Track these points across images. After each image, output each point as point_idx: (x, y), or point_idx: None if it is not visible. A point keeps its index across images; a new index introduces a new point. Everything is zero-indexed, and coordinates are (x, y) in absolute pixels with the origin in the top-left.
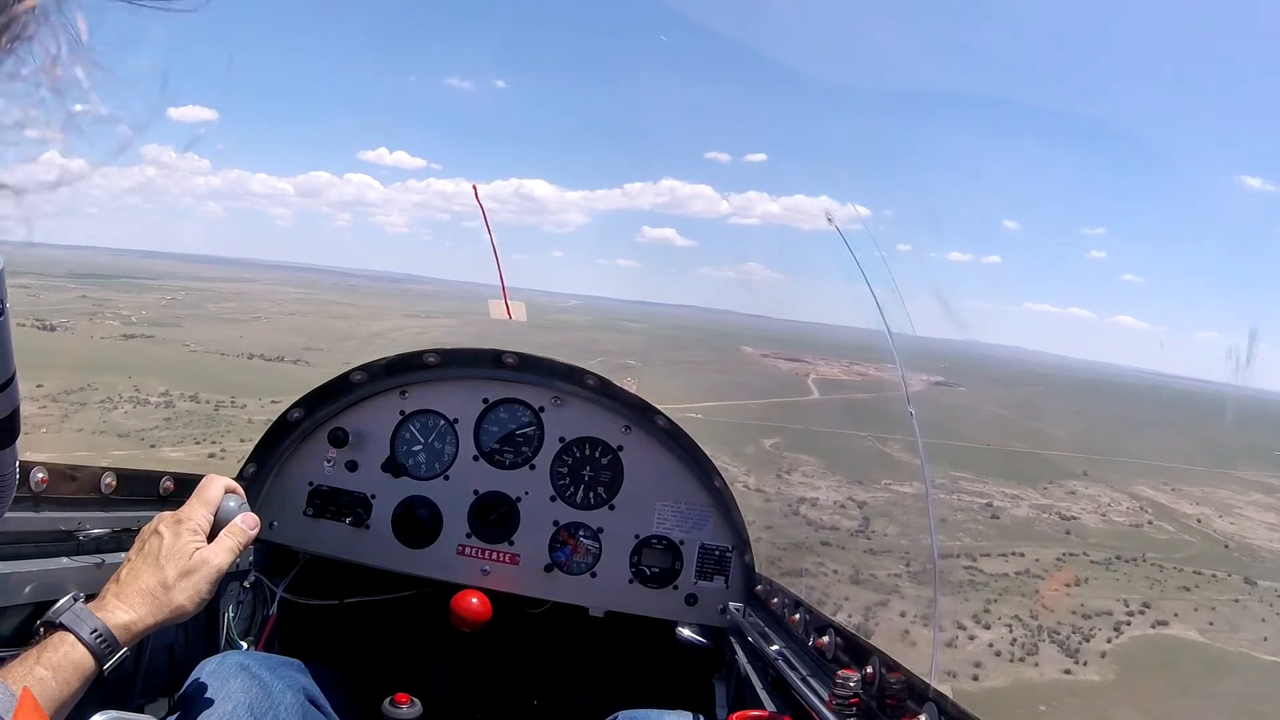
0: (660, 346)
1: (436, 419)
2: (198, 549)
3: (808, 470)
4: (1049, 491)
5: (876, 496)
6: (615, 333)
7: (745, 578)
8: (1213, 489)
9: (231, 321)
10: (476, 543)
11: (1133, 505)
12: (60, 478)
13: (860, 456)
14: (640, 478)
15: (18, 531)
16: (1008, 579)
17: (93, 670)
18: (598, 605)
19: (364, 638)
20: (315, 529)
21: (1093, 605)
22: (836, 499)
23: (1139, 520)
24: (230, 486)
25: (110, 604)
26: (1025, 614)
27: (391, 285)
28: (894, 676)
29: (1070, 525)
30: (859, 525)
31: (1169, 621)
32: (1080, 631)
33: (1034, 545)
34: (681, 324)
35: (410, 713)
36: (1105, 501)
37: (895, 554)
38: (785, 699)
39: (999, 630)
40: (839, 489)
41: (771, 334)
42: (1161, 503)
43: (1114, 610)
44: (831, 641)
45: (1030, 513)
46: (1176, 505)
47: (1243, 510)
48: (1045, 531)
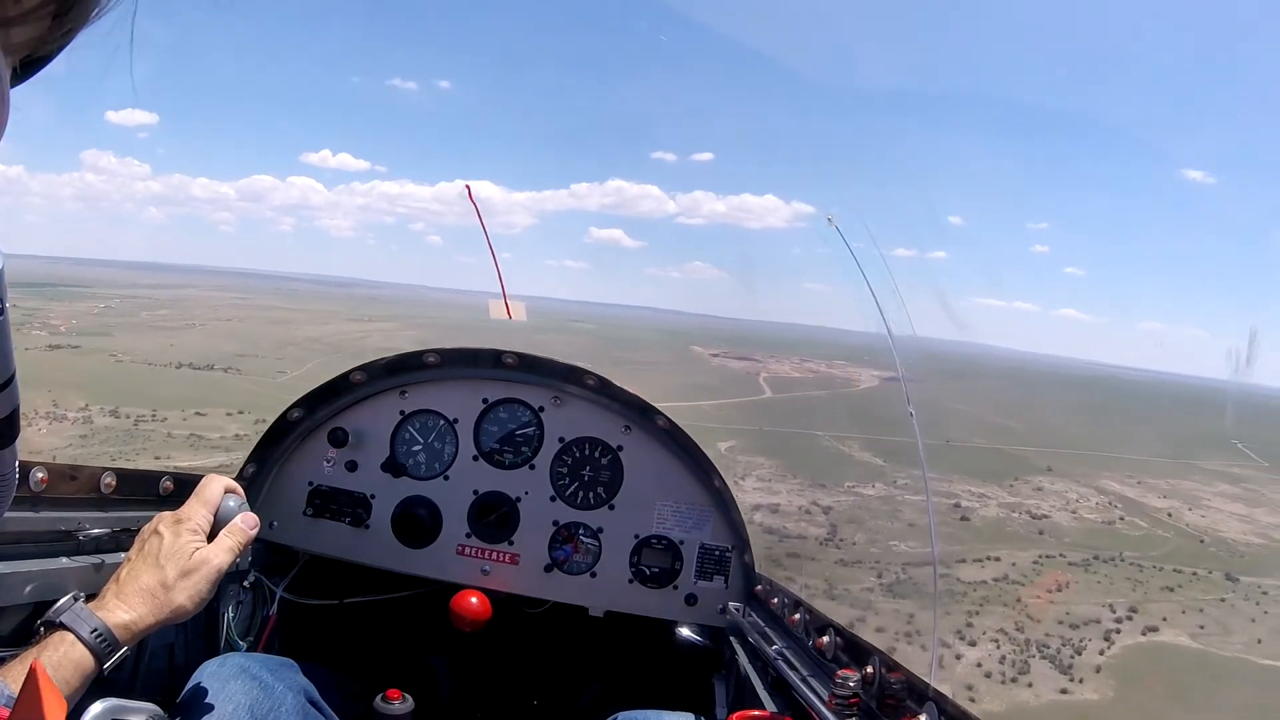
0: (608, 347)
1: (436, 419)
2: (197, 549)
3: (764, 474)
4: (1015, 489)
5: (841, 500)
6: (563, 334)
7: (745, 577)
8: (1177, 481)
9: (164, 329)
10: (476, 543)
11: (1101, 501)
12: (60, 478)
13: (820, 457)
14: (640, 477)
15: (18, 531)
16: (987, 587)
17: (93, 669)
18: (598, 605)
19: (364, 638)
20: (315, 529)
21: (1079, 612)
22: (800, 504)
23: (1110, 516)
24: (230, 486)
25: (110, 604)
26: (1011, 626)
27: (336, 289)
28: (894, 676)
29: (1042, 525)
30: (827, 533)
31: (1159, 627)
32: (1070, 644)
33: (1009, 547)
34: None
35: (402, 708)
36: (1073, 498)
37: (866, 564)
38: (785, 699)
39: (986, 647)
40: (801, 493)
41: (720, 333)
42: (1130, 497)
43: (1101, 617)
44: (831, 641)
45: (1000, 512)
46: (1145, 499)
47: (1211, 502)
48: (1018, 532)
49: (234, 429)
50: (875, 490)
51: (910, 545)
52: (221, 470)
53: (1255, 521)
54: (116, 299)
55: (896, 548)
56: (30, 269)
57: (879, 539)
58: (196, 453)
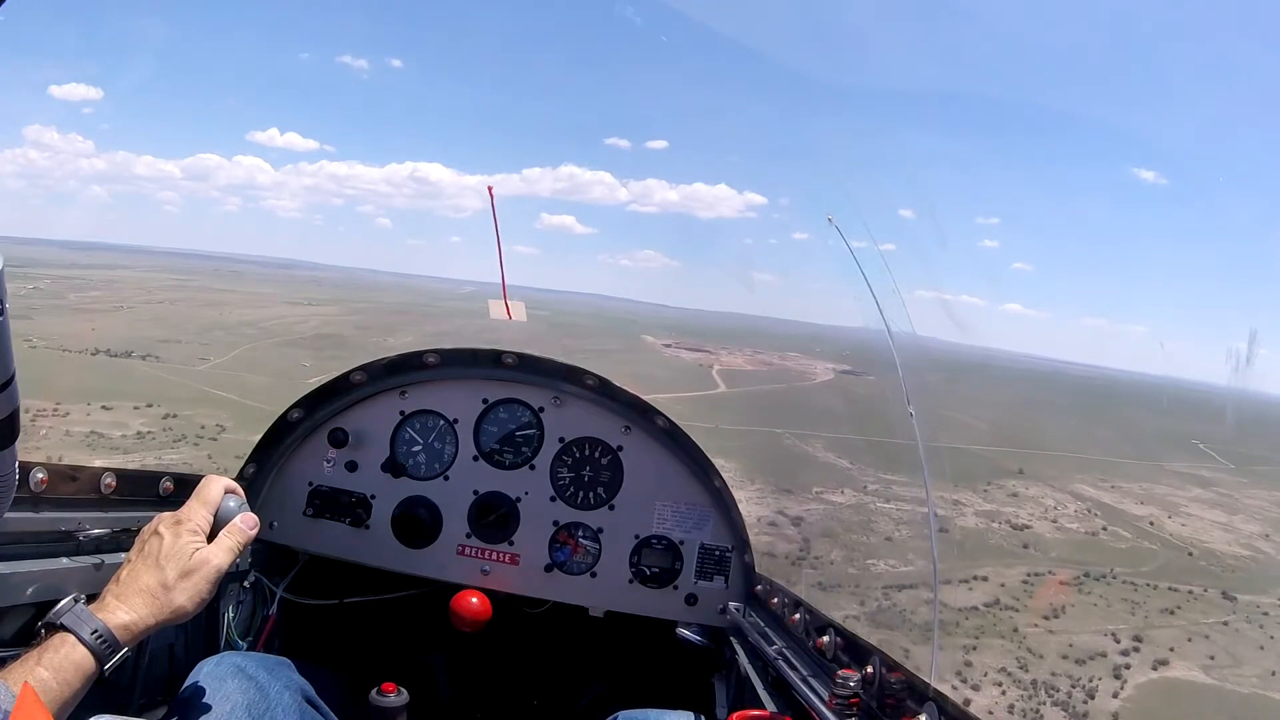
0: (558, 334)
1: (436, 419)
2: (197, 549)
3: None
4: (990, 495)
5: (811, 510)
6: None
7: (745, 577)
8: (1150, 485)
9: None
10: (476, 543)
11: (1080, 508)
12: (60, 478)
13: (781, 458)
14: (640, 478)
15: (18, 532)
16: (979, 614)
17: (94, 670)
18: (598, 605)
19: (364, 638)
20: (315, 529)
21: (1081, 644)
22: (764, 514)
23: (1093, 527)
24: (230, 487)
25: (110, 605)
26: (1013, 663)
27: (279, 271)
28: (894, 676)
29: (1025, 537)
30: (799, 550)
31: (1168, 660)
32: (1080, 685)
33: (993, 563)
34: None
35: (396, 701)
36: (1051, 505)
37: (846, 589)
38: (785, 699)
39: (990, 692)
40: (764, 500)
41: (671, 322)
42: (1107, 503)
43: (1106, 649)
44: (831, 641)
45: (978, 522)
46: (1123, 505)
47: (1188, 509)
48: (1001, 545)
49: (138, 424)
50: (845, 497)
51: (889, 564)
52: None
53: (1237, 531)
54: (48, 280)
55: (875, 568)
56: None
57: (855, 557)
58: (93, 453)
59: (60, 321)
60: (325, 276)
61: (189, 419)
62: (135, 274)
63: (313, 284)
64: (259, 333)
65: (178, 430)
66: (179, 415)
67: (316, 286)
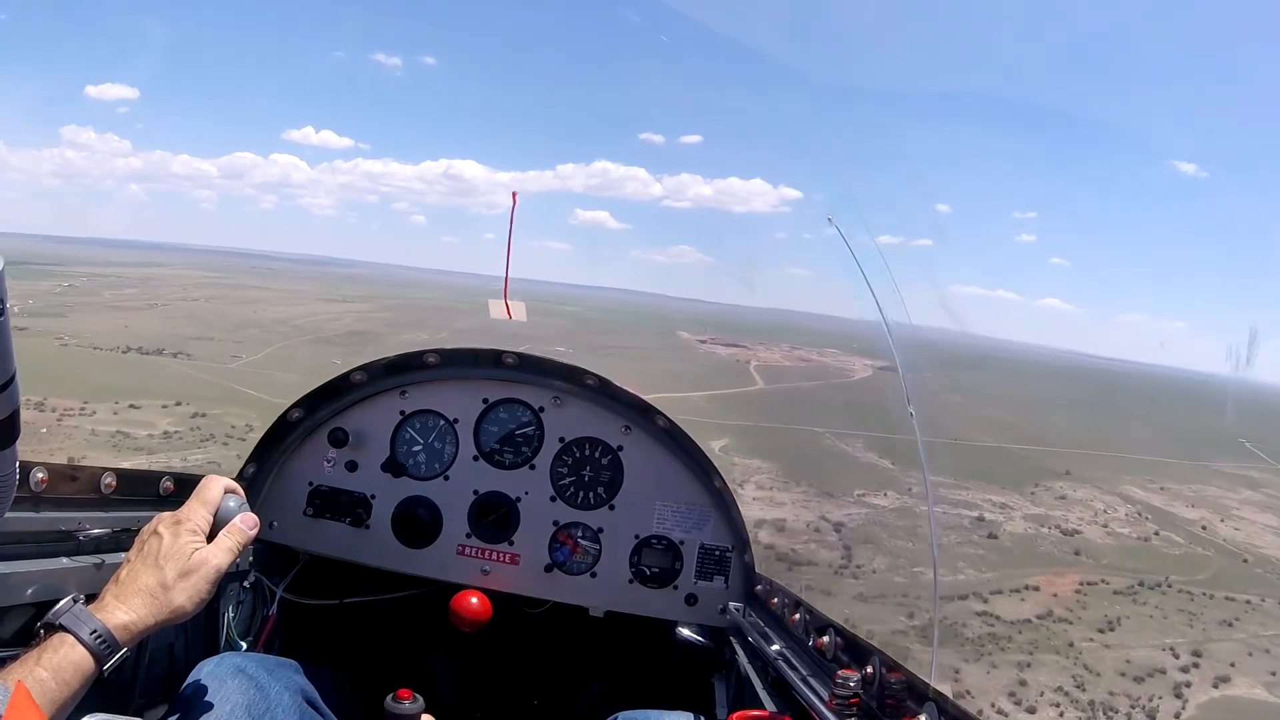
0: (590, 331)
1: (436, 419)
2: (197, 549)
3: (764, 480)
4: (1037, 497)
5: (853, 514)
6: (543, 316)
7: (745, 577)
8: (1199, 486)
9: (122, 310)
10: (476, 543)
11: (1130, 511)
12: (60, 478)
13: (821, 459)
14: (640, 478)
15: (18, 531)
16: (1031, 627)
17: (93, 671)
18: (598, 605)
19: (364, 638)
20: (315, 529)
21: (1139, 659)
22: (808, 519)
23: (1144, 532)
24: (230, 486)
25: (110, 605)
26: (1069, 682)
27: (314, 268)
28: (894, 676)
29: (1076, 543)
30: (841, 558)
31: (1229, 677)
32: (1140, 705)
33: (1043, 571)
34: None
35: (413, 708)
36: (1100, 508)
37: (891, 600)
38: (785, 699)
39: (1047, 714)
40: (807, 505)
41: (706, 318)
42: (1157, 506)
43: (1165, 665)
44: (831, 641)
45: (1027, 527)
46: (1173, 508)
47: (1240, 512)
48: (1051, 552)
49: (165, 424)
50: (888, 500)
51: (940, 573)
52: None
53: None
54: (83, 277)
55: (924, 576)
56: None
57: (901, 565)
58: (118, 454)
59: (94, 319)
60: (360, 273)
61: (217, 418)
62: (171, 271)
63: (347, 281)
64: (291, 330)
65: (205, 430)
66: (207, 415)
67: (350, 283)
